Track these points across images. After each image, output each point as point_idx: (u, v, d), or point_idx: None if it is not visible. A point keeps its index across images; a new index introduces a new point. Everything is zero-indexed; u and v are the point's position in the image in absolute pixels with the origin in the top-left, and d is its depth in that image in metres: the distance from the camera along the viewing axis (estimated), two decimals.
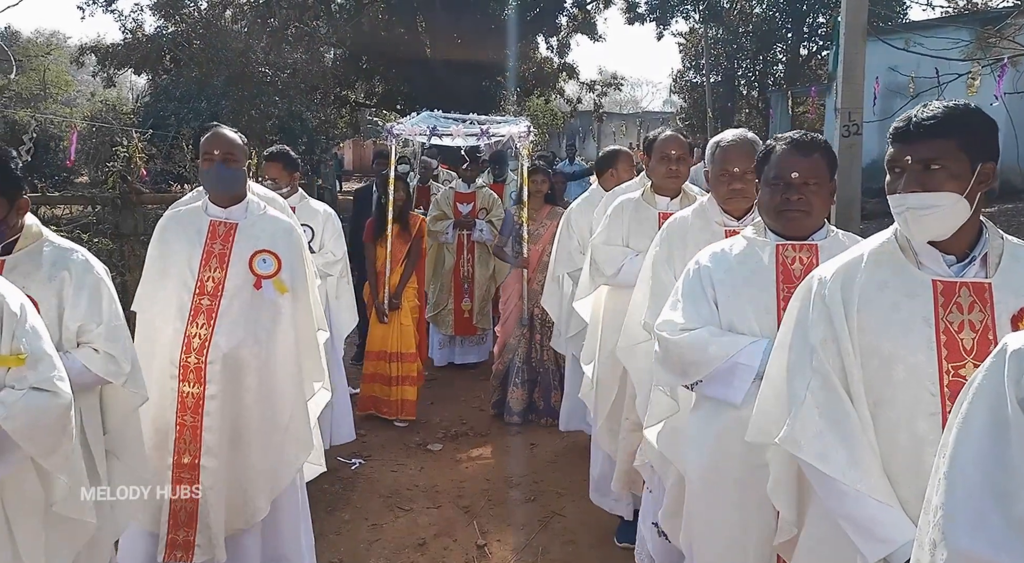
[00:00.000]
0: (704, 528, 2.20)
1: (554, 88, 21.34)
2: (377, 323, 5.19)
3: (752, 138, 2.63)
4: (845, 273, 1.69)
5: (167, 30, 15.07)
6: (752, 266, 2.10)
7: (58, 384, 1.84)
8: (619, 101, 44.80)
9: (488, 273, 6.45)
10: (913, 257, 1.64)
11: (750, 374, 1.99)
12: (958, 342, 1.56)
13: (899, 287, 1.63)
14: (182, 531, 2.78)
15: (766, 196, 2.09)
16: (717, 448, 2.10)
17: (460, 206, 6.38)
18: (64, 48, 23.19)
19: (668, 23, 23.82)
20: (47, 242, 2.22)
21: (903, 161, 1.57)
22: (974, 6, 13.74)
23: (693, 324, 2.10)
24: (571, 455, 4.67)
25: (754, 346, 2.00)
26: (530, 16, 18.40)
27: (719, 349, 2.02)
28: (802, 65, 24.56)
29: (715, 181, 2.62)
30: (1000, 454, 0.95)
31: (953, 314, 1.58)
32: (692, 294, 2.15)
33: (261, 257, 2.81)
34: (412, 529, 3.75)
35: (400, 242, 5.25)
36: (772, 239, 2.11)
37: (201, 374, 2.73)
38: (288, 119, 11.59)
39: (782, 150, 2.06)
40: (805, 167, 2.02)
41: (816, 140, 2.10)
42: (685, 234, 2.63)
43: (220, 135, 2.84)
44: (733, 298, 2.09)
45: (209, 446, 2.74)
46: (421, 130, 5.44)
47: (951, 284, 1.59)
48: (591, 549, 3.58)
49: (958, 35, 9.01)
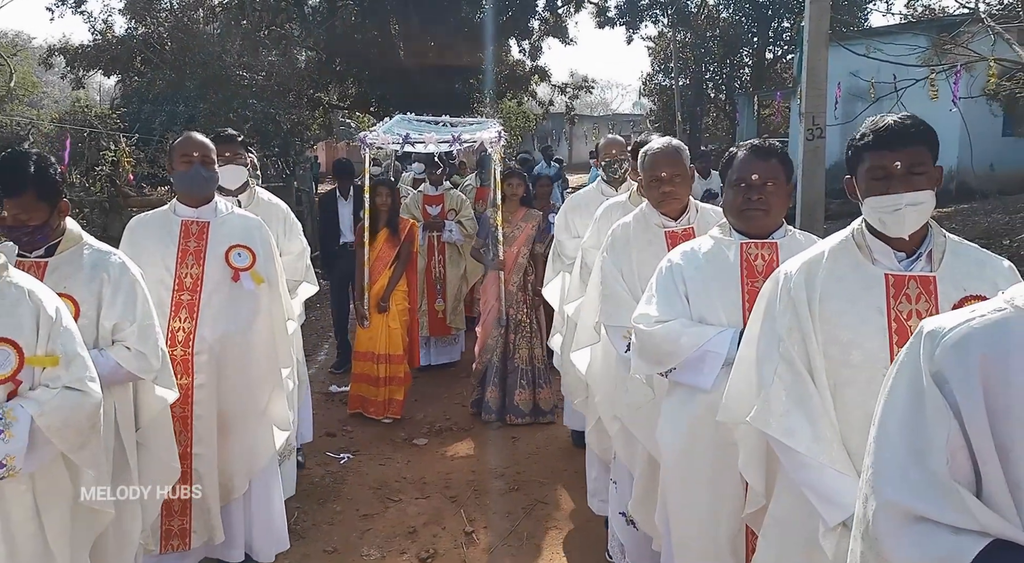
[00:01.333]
0: (680, 504, 2.38)
1: (526, 91, 21.48)
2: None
3: (678, 145, 2.85)
4: (808, 268, 1.86)
5: (138, 32, 14.97)
6: (719, 263, 2.30)
7: (89, 384, 1.97)
8: (590, 103, 45.13)
9: (459, 273, 6.59)
10: (868, 253, 1.82)
11: (719, 361, 2.19)
12: (907, 329, 1.72)
13: (856, 280, 1.80)
14: (176, 520, 2.93)
15: (730, 197, 2.30)
16: (690, 430, 2.29)
17: (429, 208, 6.51)
18: (29, 49, 22.82)
19: (637, 27, 24.04)
20: (86, 245, 2.38)
21: (891, 166, 1.73)
22: (931, 13, 14.20)
23: (666, 317, 2.29)
24: (551, 447, 4.86)
25: (722, 335, 2.20)
26: (503, 20, 18.53)
27: (690, 339, 2.22)
28: (767, 69, 25.03)
29: (648, 187, 2.84)
30: (917, 419, 1.12)
31: (903, 304, 1.76)
32: (665, 290, 2.34)
33: (236, 251, 2.98)
34: (402, 518, 3.91)
35: (389, 246, 5.32)
36: (736, 238, 2.31)
37: (189, 365, 2.89)
38: (264, 121, 11.63)
39: (743, 155, 2.29)
40: (764, 169, 2.24)
41: (774, 146, 2.32)
42: (628, 239, 2.85)
43: (196, 138, 3.01)
44: (703, 293, 2.29)
45: (200, 434, 2.91)
46: (394, 138, 5.52)
47: (901, 277, 1.77)
48: (573, 534, 3.76)
49: (916, 42, 9.37)
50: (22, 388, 1.92)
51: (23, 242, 2.26)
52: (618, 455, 3.00)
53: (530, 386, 5.24)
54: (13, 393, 1.92)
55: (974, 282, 1.75)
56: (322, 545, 3.62)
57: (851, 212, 1.85)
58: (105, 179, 4.86)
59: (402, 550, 3.60)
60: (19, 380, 1.91)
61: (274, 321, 3.12)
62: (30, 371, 1.93)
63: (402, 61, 17.62)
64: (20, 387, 1.92)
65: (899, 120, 1.75)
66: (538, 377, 5.24)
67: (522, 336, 5.26)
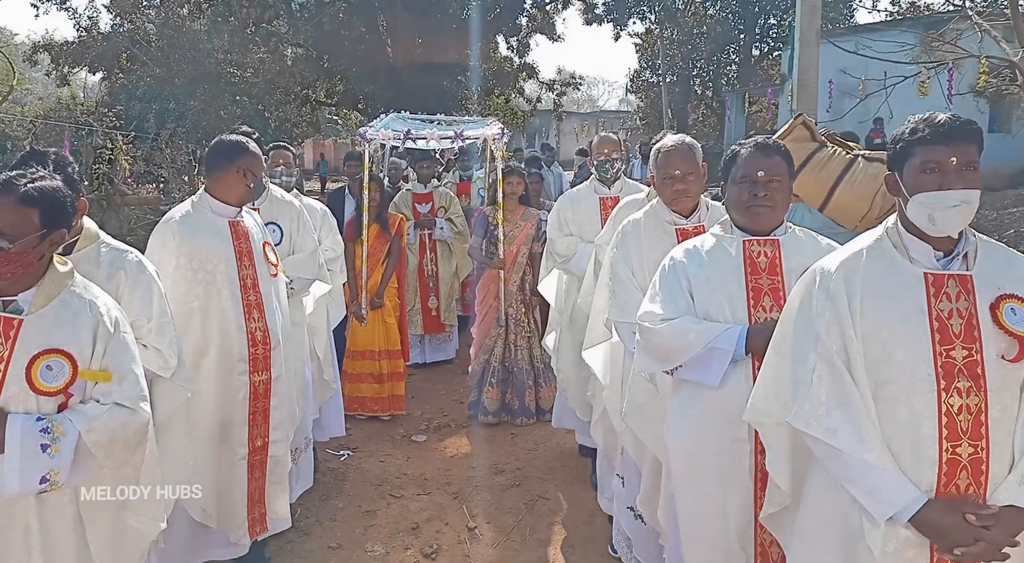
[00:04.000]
0: (689, 500, 2.39)
1: (514, 87, 21.51)
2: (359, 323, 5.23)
3: (691, 142, 2.85)
4: (847, 267, 1.84)
5: (123, 28, 14.85)
6: (722, 260, 2.31)
7: (140, 404, 1.97)
8: (576, 100, 45.18)
9: (451, 270, 6.58)
10: (905, 252, 1.82)
11: (726, 357, 2.19)
12: (948, 327, 1.74)
13: (896, 279, 1.80)
14: (256, 509, 3.04)
15: (734, 194, 2.31)
16: (698, 426, 2.30)
17: (419, 206, 6.51)
18: (13, 46, 22.57)
19: (625, 24, 24.20)
20: (103, 243, 2.40)
21: (948, 161, 1.73)
22: (917, 10, 14.32)
23: (672, 314, 2.30)
24: (550, 443, 4.87)
25: (729, 332, 2.20)
26: (491, 16, 18.54)
27: (697, 336, 2.22)
28: (754, 65, 25.19)
29: (660, 184, 2.85)
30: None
31: (943, 303, 1.76)
32: (669, 287, 2.35)
33: (268, 248, 3.10)
34: (404, 514, 3.92)
35: (380, 242, 5.31)
36: (738, 235, 2.32)
37: (268, 362, 3.03)
38: (253, 118, 11.58)
39: (748, 152, 2.29)
40: (769, 166, 2.25)
41: (778, 144, 2.33)
42: (639, 235, 2.86)
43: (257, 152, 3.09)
44: (707, 290, 2.29)
45: (278, 421, 3.08)
46: (395, 134, 5.49)
47: (940, 276, 1.77)
48: (576, 528, 3.78)
49: (904, 39, 9.45)
50: (72, 401, 1.91)
51: None
52: (627, 450, 3.02)
53: (534, 386, 5.24)
54: (63, 405, 1.90)
55: (1007, 281, 1.77)
56: (327, 541, 3.62)
57: None
58: (103, 177, 4.82)
59: (406, 546, 3.60)
60: (70, 393, 1.90)
61: None
62: (82, 384, 1.92)
63: (390, 58, 17.59)
64: (71, 400, 1.91)
65: (953, 117, 1.77)
66: (539, 376, 5.24)
67: (522, 336, 5.25)
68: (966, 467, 1.71)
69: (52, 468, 1.82)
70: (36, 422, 1.83)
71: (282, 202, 3.75)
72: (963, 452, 1.71)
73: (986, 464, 1.71)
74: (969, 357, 1.72)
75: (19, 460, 1.78)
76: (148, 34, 13.18)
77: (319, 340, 4.09)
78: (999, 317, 1.72)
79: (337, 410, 4.55)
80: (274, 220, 3.64)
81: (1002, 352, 1.72)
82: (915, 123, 1.79)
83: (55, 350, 1.87)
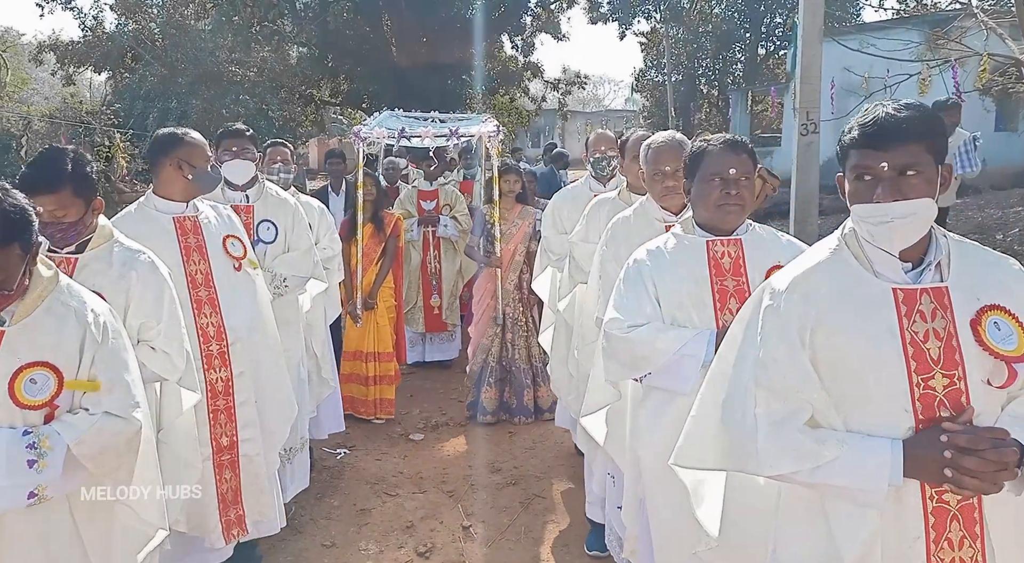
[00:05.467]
0: (661, 507, 2.33)
1: (519, 87, 21.47)
2: (353, 323, 5.20)
3: (680, 139, 2.80)
4: (800, 285, 1.60)
5: (128, 28, 14.90)
6: (686, 262, 2.24)
7: (132, 412, 1.87)
8: (582, 99, 45.13)
9: (455, 269, 6.55)
10: (868, 265, 1.56)
11: (697, 364, 2.13)
12: (925, 352, 1.48)
13: (859, 299, 1.54)
14: (232, 511, 2.97)
15: (703, 192, 2.23)
16: (670, 435, 2.11)
17: (424, 203, 6.48)
18: (19, 46, 22.67)
19: (630, 23, 24.17)
20: (117, 242, 2.36)
21: (877, 168, 1.48)
22: (923, 8, 14.25)
23: (638, 320, 2.23)
24: (547, 442, 4.85)
25: (698, 337, 2.15)
26: (495, 16, 18.51)
27: (666, 343, 2.16)
28: (760, 64, 25.12)
29: (650, 181, 2.80)
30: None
31: (917, 323, 1.50)
32: (635, 292, 2.28)
33: (231, 241, 2.99)
34: (399, 513, 3.90)
35: (374, 242, 5.27)
36: (700, 235, 2.26)
37: (226, 358, 2.91)
38: (256, 117, 11.59)
39: (717, 149, 2.21)
40: (739, 164, 2.19)
41: (745, 141, 2.27)
42: (629, 233, 2.81)
43: (203, 139, 2.97)
44: (673, 293, 2.23)
45: (246, 419, 2.96)
46: (389, 132, 5.45)
47: (911, 292, 1.52)
48: (571, 527, 3.75)
49: (909, 37, 9.39)
50: (59, 411, 1.83)
51: (55, 238, 2.22)
52: (610, 452, 2.99)
53: (532, 385, 5.21)
54: (50, 417, 1.82)
55: (987, 289, 1.52)
56: (320, 539, 3.61)
57: (844, 208, 1.59)
58: (99, 174, 4.82)
59: (400, 544, 3.59)
60: (56, 405, 1.82)
61: (267, 300, 3.21)
62: (69, 394, 1.83)
63: (394, 57, 17.60)
64: (57, 411, 1.82)
65: (891, 112, 1.49)
66: (537, 375, 5.20)
67: (519, 335, 5.23)
68: (956, 516, 1.48)
69: (40, 483, 1.75)
70: (22, 437, 1.74)
71: (277, 199, 3.70)
72: (950, 498, 1.48)
73: (978, 509, 1.49)
74: (951, 386, 1.47)
75: (5, 477, 1.71)
76: (152, 33, 13.20)
77: (316, 337, 4.08)
78: (982, 335, 1.47)
79: (335, 407, 4.55)
80: (269, 217, 3.59)
81: (987, 377, 1.47)
82: (854, 120, 1.54)
83: (39, 363, 1.79)
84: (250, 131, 3.63)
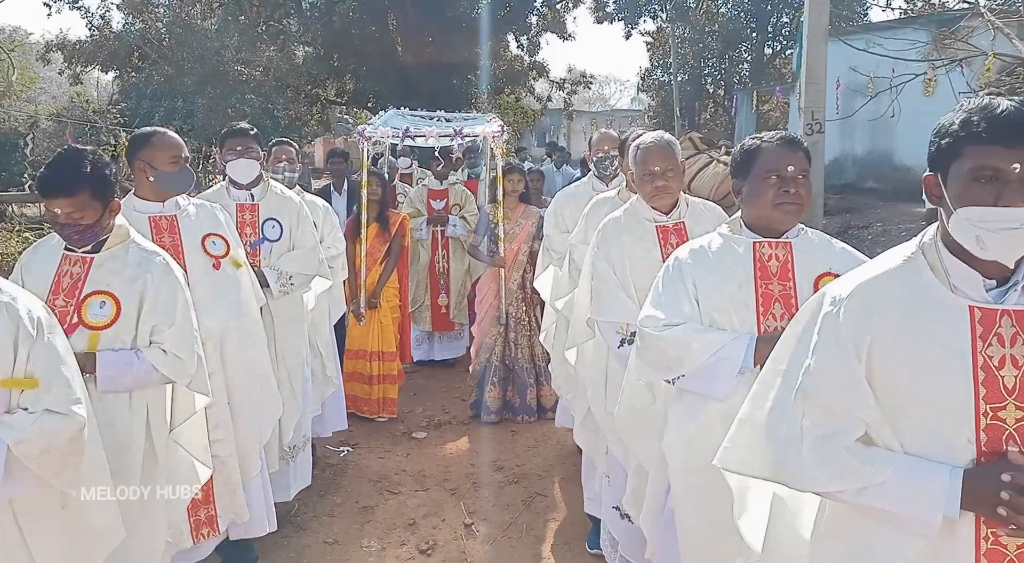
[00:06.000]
0: (691, 516, 2.25)
1: (524, 86, 21.46)
2: (356, 322, 5.20)
3: (670, 139, 2.78)
4: (864, 295, 1.44)
5: (135, 27, 14.96)
6: (730, 263, 2.14)
7: (73, 408, 1.80)
8: (588, 98, 45.07)
9: (463, 268, 6.55)
10: (945, 278, 1.40)
11: (734, 368, 2.05)
12: (998, 379, 1.33)
13: (929, 314, 1.38)
14: (202, 509, 2.95)
15: (757, 191, 2.10)
16: (701, 439, 2.10)
17: (433, 203, 6.48)
18: (27, 45, 22.78)
19: (636, 22, 24.11)
20: (133, 243, 2.36)
21: (1007, 169, 1.29)
22: (931, 7, 14.19)
23: (675, 320, 2.15)
24: (549, 441, 4.86)
25: (737, 341, 2.06)
26: (501, 15, 18.51)
27: (702, 345, 2.07)
28: (766, 64, 25.04)
29: (639, 181, 2.78)
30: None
31: (993, 347, 1.34)
32: (673, 290, 2.19)
33: (211, 240, 2.95)
34: (402, 510, 3.91)
35: (379, 241, 5.27)
36: (748, 236, 2.17)
37: None
38: (261, 117, 11.63)
39: (774, 146, 2.10)
40: (796, 161, 2.08)
41: (799, 138, 2.18)
42: (620, 233, 2.80)
43: (177, 138, 2.91)
44: (714, 295, 2.14)
45: (216, 420, 2.89)
46: (394, 132, 5.45)
47: (991, 312, 1.35)
48: (573, 526, 3.76)
49: (916, 36, 9.35)
50: None
51: (73, 239, 2.24)
52: (611, 450, 2.98)
53: (535, 384, 5.21)
54: None
55: None
56: (322, 536, 3.62)
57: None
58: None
59: (402, 542, 3.60)
60: None
61: (254, 301, 3.15)
62: (6, 394, 1.75)
63: (400, 57, 17.62)
64: None
65: (1001, 105, 1.30)
66: (540, 374, 5.20)
67: (522, 334, 5.23)
68: (1013, 561, 1.33)
69: None
70: None
71: (282, 198, 3.70)
72: (1008, 542, 1.31)
73: None
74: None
75: None
76: (159, 33, 13.25)
77: (321, 336, 4.09)
78: None
79: (339, 405, 4.56)
80: (274, 216, 3.59)
81: None
82: (968, 112, 1.33)
83: None
84: (254, 130, 3.63)
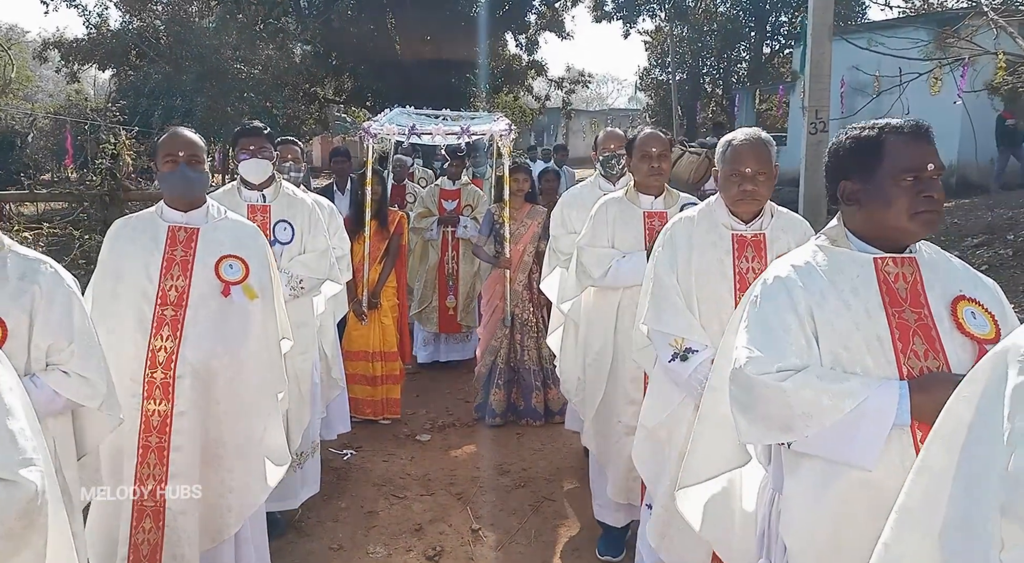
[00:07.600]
0: None
1: (523, 85, 21.44)
2: (357, 323, 5.12)
3: (766, 138, 2.46)
4: None
5: (132, 25, 14.89)
6: (849, 286, 1.71)
7: (20, 472, 1.36)
8: (586, 98, 45.04)
9: (473, 270, 6.47)
10: None
11: (883, 428, 1.57)
12: None
13: None
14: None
15: (886, 197, 1.67)
16: (836, 520, 1.65)
17: (445, 203, 6.41)
18: (24, 43, 22.68)
19: (634, 21, 24.12)
20: (10, 252, 1.96)
21: None
22: (931, 6, 14.16)
23: (793, 362, 1.66)
24: (556, 444, 4.81)
25: (885, 390, 1.58)
26: (499, 14, 18.49)
27: (837, 398, 1.58)
28: (765, 63, 25.04)
29: (725, 182, 2.48)
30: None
31: None
32: (782, 322, 1.70)
33: (228, 262, 2.64)
34: (407, 515, 3.86)
35: (378, 239, 5.20)
36: (863, 250, 1.75)
37: (168, 390, 2.53)
38: (260, 115, 11.56)
39: (904, 139, 1.69)
40: (935, 157, 1.69)
41: (929, 126, 1.76)
42: (690, 237, 2.53)
43: (182, 135, 2.65)
44: (838, 327, 1.68)
45: (178, 468, 2.53)
46: (400, 129, 5.38)
47: None
48: (582, 531, 3.71)
49: (917, 35, 9.32)
50: None
51: None
52: (643, 477, 2.82)
53: (542, 387, 5.15)
54: None
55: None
56: (327, 542, 3.57)
57: None
58: (105, 172, 4.77)
59: (408, 547, 3.54)
60: None
61: (268, 340, 2.74)
62: None
63: (398, 55, 17.58)
64: None
65: None
66: (547, 377, 5.13)
67: (529, 336, 5.16)
68: None
69: None
70: None
71: (295, 199, 3.57)
72: None
73: None
74: None
75: None
76: (157, 31, 13.17)
77: (327, 338, 4.04)
78: None
79: (342, 407, 4.51)
80: (286, 218, 3.49)
81: None
82: None
83: None
84: (267, 129, 3.54)
